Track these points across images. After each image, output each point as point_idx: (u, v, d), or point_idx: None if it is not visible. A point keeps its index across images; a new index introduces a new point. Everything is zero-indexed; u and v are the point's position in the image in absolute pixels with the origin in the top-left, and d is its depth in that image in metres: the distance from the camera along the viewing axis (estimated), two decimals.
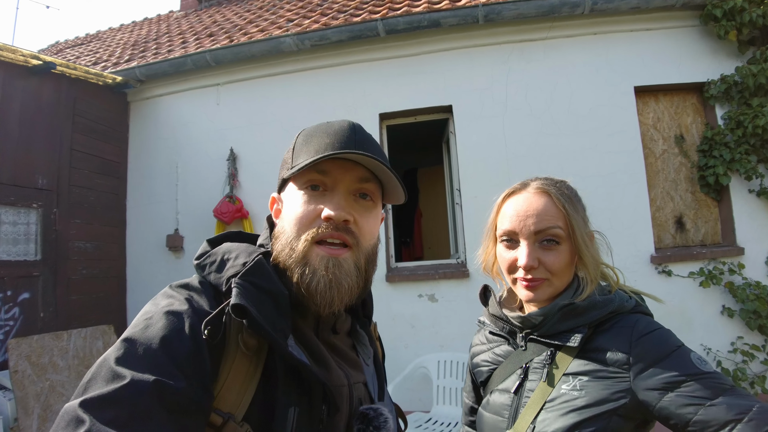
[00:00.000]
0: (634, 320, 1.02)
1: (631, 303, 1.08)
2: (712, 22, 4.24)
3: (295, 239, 0.82)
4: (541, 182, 1.13)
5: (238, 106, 5.02)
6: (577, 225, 1.07)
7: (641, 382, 0.94)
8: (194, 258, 0.86)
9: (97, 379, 0.63)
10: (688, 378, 0.90)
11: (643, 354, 0.96)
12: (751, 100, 4.14)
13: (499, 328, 1.21)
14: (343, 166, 0.85)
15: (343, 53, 4.83)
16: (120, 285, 5.10)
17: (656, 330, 1.00)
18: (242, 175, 4.88)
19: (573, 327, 1.04)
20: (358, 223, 0.85)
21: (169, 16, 8.77)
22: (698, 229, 4.40)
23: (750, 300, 3.93)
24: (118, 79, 5.03)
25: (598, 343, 1.02)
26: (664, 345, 0.96)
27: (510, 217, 1.11)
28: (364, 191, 0.87)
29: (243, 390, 0.73)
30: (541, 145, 4.40)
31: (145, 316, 0.73)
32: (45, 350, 3.45)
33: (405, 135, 5.64)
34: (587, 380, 0.99)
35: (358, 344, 0.98)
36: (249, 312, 0.70)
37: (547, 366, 1.06)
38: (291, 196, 0.87)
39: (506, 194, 1.17)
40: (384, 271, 4.49)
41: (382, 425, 0.82)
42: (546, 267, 1.07)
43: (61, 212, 4.48)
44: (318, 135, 0.87)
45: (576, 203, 1.12)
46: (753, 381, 3.90)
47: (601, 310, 1.04)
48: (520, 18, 4.40)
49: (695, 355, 0.95)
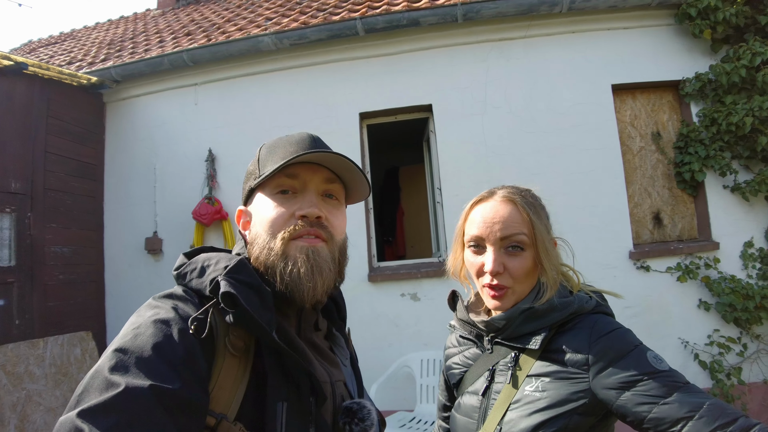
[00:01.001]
0: (593, 321, 1.06)
1: (591, 303, 1.11)
2: (687, 20, 4.30)
3: (272, 239, 0.86)
4: (507, 191, 1.17)
5: (217, 107, 4.96)
6: (539, 232, 1.11)
7: (599, 381, 0.97)
8: (173, 269, 0.89)
9: (91, 390, 0.63)
10: (644, 377, 0.93)
11: (601, 354, 0.99)
12: (725, 98, 4.21)
13: (467, 331, 1.24)
14: (311, 169, 0.91)
15: (322, 52, 4.79)
16: (98, 290, 5.00)
17: (614, 330, 1.03)
18: (221, 176, 4.83)
19: (534, 329, 1.08)
20: (329, 219, 0.91)
21: (146, 14, 8.62)
22: (675, 224, 4.47)
23: (725, 293, 4.01)
24: (94, 79, 4.93)
25: (558, 344, 1.06)
26: (621, 344, 0.99)
27: (477, 224, 1.15)
28: (330, 191, 0.94)
29: (234, 390, 0.75)
30: (520, 142, 4.42)
31: (133, 326, 0.73)
32: (21, 359, 3.38)
33: (386, 134, 5.63)
34: (549, 381, 1.03)
35: (335, 346, 1.03)
36: (238, 300, 0.73)
37: (512, 368, 1.09)
38: (261, 203, 0.92)
39: (474, 202, 1.21)
40: (366, 270, 4.48)
41: (366, 416, 0.87)
42: (510, 273, 1.11)
43: (35, 216, 4.37)
44: (281, 145, 0.94)
45: (540, 211, 1.16)
46: (729, 373, 3.99)
47: (561, 312, 1.07)
48: (499, 17, 4.42)
49: (652, 354, 0.98)
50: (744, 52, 4.09)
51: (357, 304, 4.29)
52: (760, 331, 4.04)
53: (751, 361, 4.05)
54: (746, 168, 4.22)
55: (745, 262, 4.16)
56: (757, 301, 3.90)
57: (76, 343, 3.73)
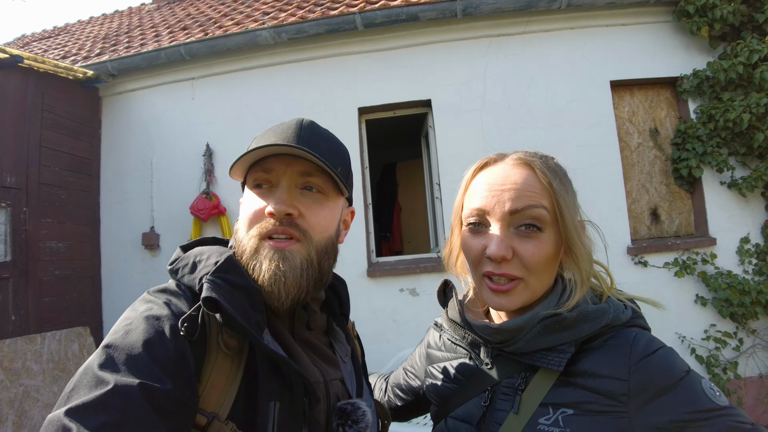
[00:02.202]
0: (631, 337, 0.80)
1: (627, 314, 0.85)
2: (685, 17, 4.32)
3: (245, 236, 0.84)
4: (523, 153, 0.90)
5: (214, 101, 4.92)
6: (566, 207, 0.83)
7: (644, 419, 0.74)
8: (168, 264, 0.87)
9: (81, 387, 0.62)
10: (702, 415, 0.71)
11: (646, 382, 0.75)
12: (722, 95, 4.24)
13: (459, 336, 0.97)
14: (285, 162, 0.86)
15: (320, 47, 4.77)
16: (94, 285, 4.96)
17: (658, 350, 0.78)
18: (219, 170, 4.79)
19: (556, 344, 0.81)
20: (305, 216, 0.84)
21: (141, 8, 8.54)
22: (672, 220, 4.50)
23: (722, 289, 4.04)
24: (89, 73, 4.87)
25: (586, 366, 0.80)
26: (669, 371, 0.75)
27: (480, 193, 0.87)
28: (309, 184, 0.87)
29: (226, 390, 0.73)
30: (518, 138, 4.43)
31: (125, 322, 0.72)
32: (18, 354, 3.34)
33: (384, 129, 5.62)
34: (572, 414, 0.77)
35: (335, 342, 0.99)
36: (220, 305, 0.70)
37: (520, 392, 0.83)
38: (245, 197, 0.90)
39: (478, 167, 0.93)
40: (365, 266, 4.48)
41: (360, 418, 0.83)
42: (522, 260, 0.82)
43: (30, 211, 4.32)
44: (265, 135, 0.89)
45: (565, 183, 0.87)
46: (725, 367, 4.02)
47: (593, 323, 0.81)
48: (498, 12, 4.41)
49: (707, 384, 0.76)
50: (741, 50, 4.11)
51: (355, 299, 4.21)
52: (755, 326, 4.08)
53: (747, 356, 4.08)
54: (743, 164, 4.25)
55: (742, 258, 4.20)
56: (753, 297, 3.94)
57: (74, 339, 3.70)
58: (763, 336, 4.07)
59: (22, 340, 3.41)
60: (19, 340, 3.40)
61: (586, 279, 0.85)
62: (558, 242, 0.84)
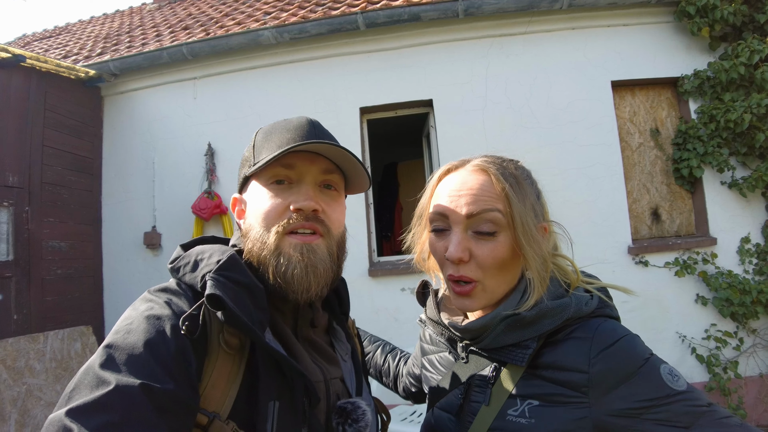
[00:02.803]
0: (593, 329, 0.84)
1: (592, 304, 0.88)
2: (686, 18, 4.33)
3: (265, 233, 0.83)
4: (482, 158, 0.95)
5: (216, 101, 4.92)
6: (518, 211, 0.87)
7: (603, 407, 0.78)
8: (168, 262, 0.87)
9: (82, 387, 0.62)
10: (660, 401, 0.75)
11: (605, 373, 0.79)
12: (723, 95, 4.25)
13: (438, 333, 1.04)
14: (308, 159, 0.87)
15: (322, 47, 4.78)
16: (96, 285, 4.97)
17: (619, 340, 0.82)
18: (220, 170, 4.80)
19: (519, 340, 0.86)
20: (327, 212, 0.87)
21: (142, 8, 8.54)
22: (673, 220, 4.51)
23: (722, 288, 4.05)
24: (91, 72, 4.88)
25: (550, 359, 0.84)
26: (629, 359, 0.79)
27: (442, 198, 0.94)
28: (329, 182, 0.90)
29: (227, 389, 0.73)
30: (520, 138, 4.44)
31: (126, 321, 0.72)
32: (20, 353, 3.34)
33: (386, 129, 5.63)
34: (538, 405, 0.82)
35: (335, 340, 1.00)
36: (224, 302, 0.70)
37: (490, 386, 0.89)
38: (256, 193, 0.88)
39: (442, 172, 1.00)
40: (366, 265, 4.49)
41: (360, 417, 0.84)
42: (478, 262, 0.88)
43: (33, 211, 4.33)
44: (278, 131, 0.89)
45: (524, 187, 0.91)
46: (726, 367, 4.03)
47: (553, 319, 0.85)
48: (500, 12, 4.42)
49: (666, 369, 0.79)
50: (742, 50, 4.12)
51: (357, 298, 4.27)
52: (756, 326, 4.09)
53: (748, 355, 4.09)
54: (743, 164, 4.26)
55: (742, 258, 4.21)
56: (753, 296, 3.95)
57: (77, 338, 3.70)
58: (763, 335, 4.09)
59: (24, 339, 3.42)
60: (21, 339, 3.40)
61: (541, 280, 0.88)
62: (514, 244, 0.89)
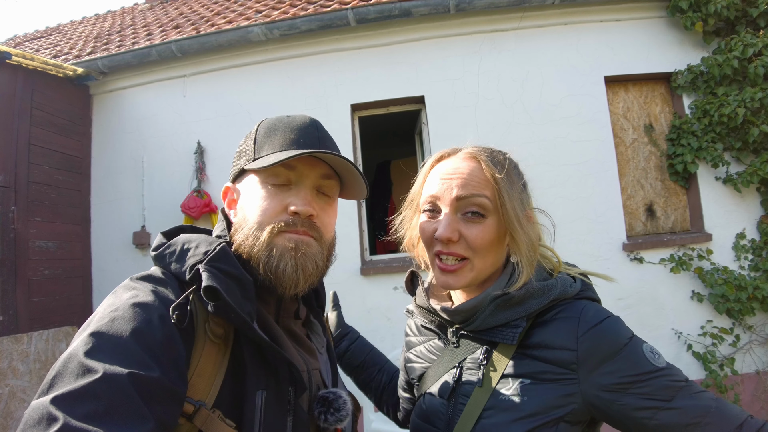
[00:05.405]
0: (579, 309, 0.90)
1: (576, 287, 0.95)
2: (679, 13, 4.31)
3: (259, 230, 0.85)
4: (473, 147, 1.01)
5: (206, 98, 4.87)
6: (506, 197, 0.92)
7: (592, 383, 0.84)
8: (151, 249, 0.88)
9: (66, 374, 0.60)
10: (643, 376, 0.82)
11: (593, 350, 0.85)
12: (717, 90, 4.22)
13: (427, 320, 1.08)
14: (310, 162, 0.89)
15: (313, 43, 4.73)
16: (85, 285, 4.90)
17: (604, 320, 0.88)
18: (210, 168, 4.74)
19: (509, 320, 0.91)
20: (321, 217, 0.90)
21: (134, 8, 8.50)
22: (668, 216, 4.47)
23: (718, 285, 4.02)
24: (80, 70, 4.82)
25: (539, 338, 0.90)
26: (614, 339, 0.86)
27: (434, 182, 0.99)
28: (324, 188, 0.92)
29: (213, 377, 0.74)
30: (513, 134, 4.40)
31: (110, 308, 0.71)
32: (4, 354, 3.28)
33: (377, 126, 5.59)
34: (530, 383, 0.87)
35: (312, 333, 1.03)
36: (220, 294, 0.71)
37: (483, 367, 0.92)
38: (252, 188, 0.89)
39: (435, 159, 1.05)
40: (359, 264, 4.43)
41: (341, 406, 0.88)
42: (467, 242, 0.93)
43: (19, 210, 4.26)
44: (281, 129, 0.91)
45: (512, 175, 0.97)
46: (722, 363, 3.99)
47: (540, 299, 0.91)
48: (491, 7, 4.39)
49: (647, 348, 0.86)
50: (736, 44, 4.10)
51: (349, 297, 4.22)
52: (752, 322, 4.05)
53: (744, 352, 4.05)
54: (738, 159, 4.23)
55: (738, 254, 4.18)
56: (749, 292, 3.92)
57: (62, 338, 3.64)
58: (759, 332, 4.05)
59: (8, 339, 3.35)
60: (5, 339, 3.34)
61: (529, 262, 0.93)
62: (501, 228, 0.94)
